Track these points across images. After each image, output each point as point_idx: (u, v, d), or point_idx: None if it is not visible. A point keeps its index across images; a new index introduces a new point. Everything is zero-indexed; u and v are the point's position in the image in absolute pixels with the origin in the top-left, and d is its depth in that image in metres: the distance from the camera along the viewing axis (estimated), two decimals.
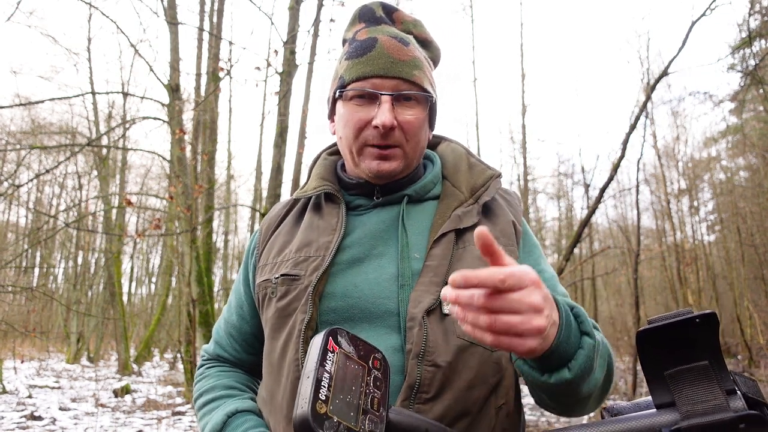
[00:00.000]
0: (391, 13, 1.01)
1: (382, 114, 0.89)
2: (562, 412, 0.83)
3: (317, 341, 0.62)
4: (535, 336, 0.60)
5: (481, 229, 0.59)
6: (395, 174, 0.95)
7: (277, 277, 0.92)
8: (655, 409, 0.59)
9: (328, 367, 0.59)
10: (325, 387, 0.57)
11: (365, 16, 1.00)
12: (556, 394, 0.72)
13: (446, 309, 0.83)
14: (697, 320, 0.54)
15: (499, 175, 1.00)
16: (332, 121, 1.02)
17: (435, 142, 1.12)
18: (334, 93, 0.96)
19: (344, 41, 1.03)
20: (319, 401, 0.55)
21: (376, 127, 0.89)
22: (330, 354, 0.60)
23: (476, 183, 0.98)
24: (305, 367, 0.59)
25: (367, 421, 0.59)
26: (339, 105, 0.96)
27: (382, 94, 0.90)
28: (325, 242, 0.92)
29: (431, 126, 1.03)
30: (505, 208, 0.99)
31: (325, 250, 0.91)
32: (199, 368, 1.08)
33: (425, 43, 1.02)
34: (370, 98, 0.91)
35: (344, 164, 1.04)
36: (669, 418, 0.57)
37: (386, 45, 0.93)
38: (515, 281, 0.58)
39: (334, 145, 1.11)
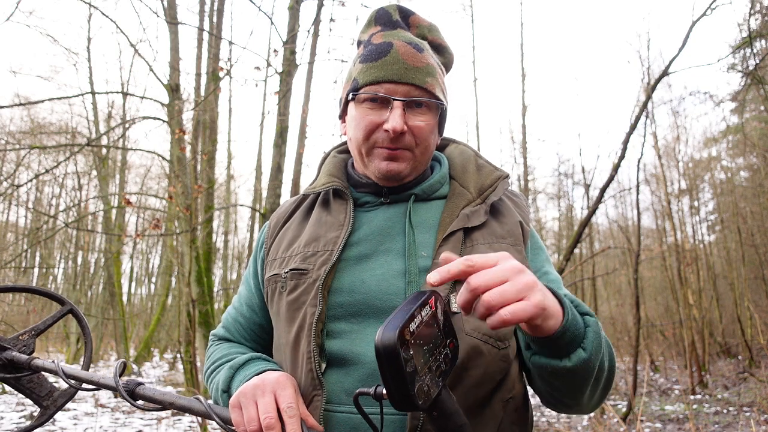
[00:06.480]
0: (407, 17, 1.02)
1: (394, 119, 0.90)
2: (570, 404, 0.84)
3: (423, 292, 0.65)
4: (536, 289, 0.63)
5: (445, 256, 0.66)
6: (403, 176, 0.96)
7: (287, 272, 0.94)
8: None
9: (423, 314, 0.62)
10: (415, 324, 0.60)
11: (381, 20, 1.00)
12: (576, 379, 0.74)
13: (455, 307, 0.83)
14: None
15: (507, 176, 1.01)
16: (343, 121, 1.04)
17: (443, 145, 1.14)
18: (347, 95, 0.97)
19: (359, 43, 1.03)
20: (408, 330, 0.58)
21: (387, 131, 0.91)
22: (427, 307, 0.63)
23: (484, 183, 0.99)
24: (401, 304, 0.62)
25: (428, 378, 0.60)
26: (351, 106, 0.97)
27: (394, 100, 0.91)
28: (332, 237, 0.94)
29: (440, 131, 1.04)
30: (513, 209, 0.99)
31: (333, 245, 0.93)
32: (208, 349, 1.11)
33: (439, 48, 1.03)
34: (382, 102, 0.92)
35: (354, 163, 1.06)
36: None
37: (401, 51, 0.93)
38: (479, 259, 0.63)
39: (344, 144, 1.13)
